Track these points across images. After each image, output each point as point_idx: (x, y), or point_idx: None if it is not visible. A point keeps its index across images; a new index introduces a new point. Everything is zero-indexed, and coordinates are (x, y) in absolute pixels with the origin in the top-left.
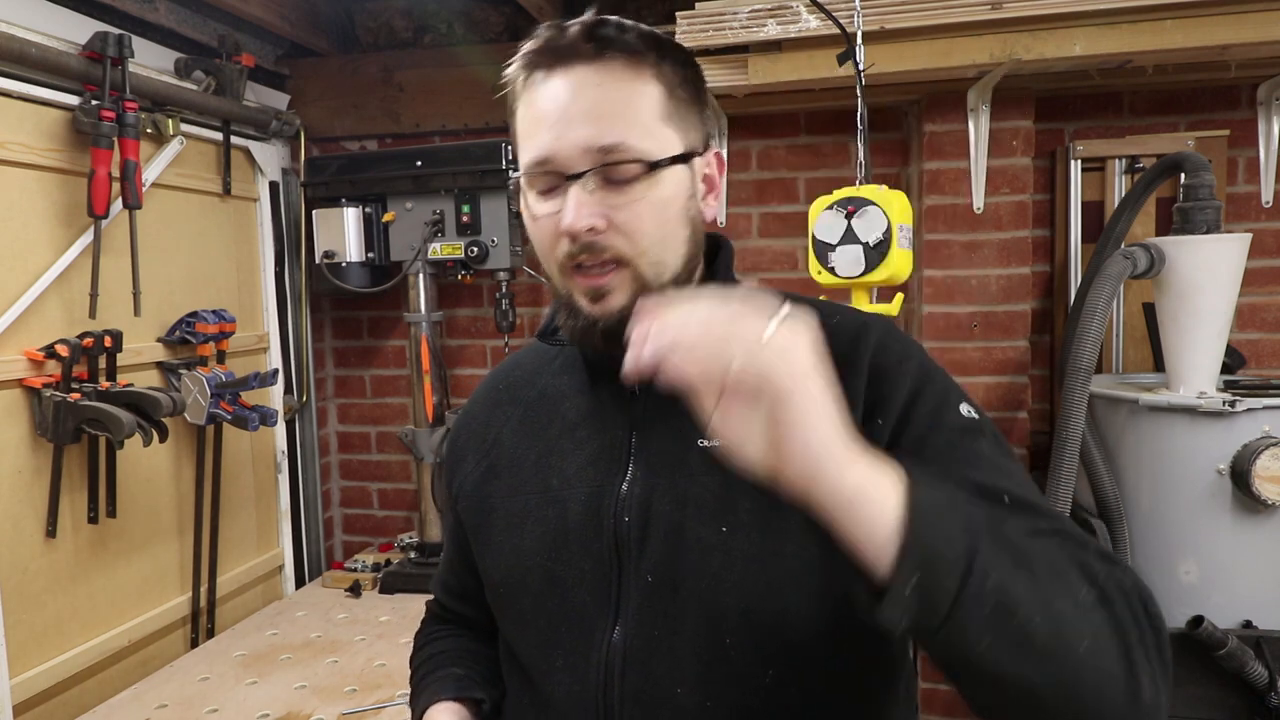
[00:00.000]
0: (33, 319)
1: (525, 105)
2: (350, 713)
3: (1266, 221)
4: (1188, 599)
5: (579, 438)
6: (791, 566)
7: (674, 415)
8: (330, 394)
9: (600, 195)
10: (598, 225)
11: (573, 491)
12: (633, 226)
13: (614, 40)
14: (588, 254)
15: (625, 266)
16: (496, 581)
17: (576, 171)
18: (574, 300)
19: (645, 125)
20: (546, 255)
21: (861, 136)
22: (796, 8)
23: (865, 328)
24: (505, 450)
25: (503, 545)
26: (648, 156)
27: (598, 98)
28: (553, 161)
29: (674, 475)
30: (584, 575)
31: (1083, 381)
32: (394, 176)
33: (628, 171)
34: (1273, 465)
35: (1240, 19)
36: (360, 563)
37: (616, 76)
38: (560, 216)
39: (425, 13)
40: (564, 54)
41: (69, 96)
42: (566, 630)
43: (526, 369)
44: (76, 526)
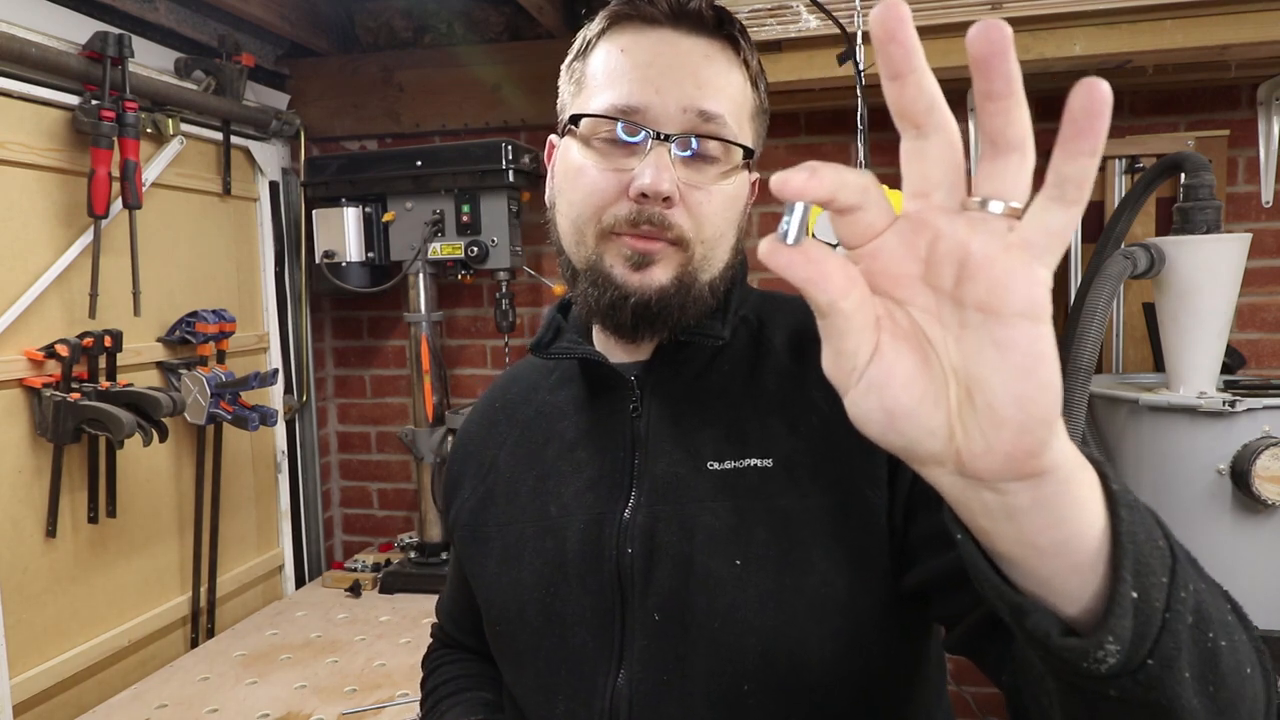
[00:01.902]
0: (33, 319)
1: (608, 52)
2: (350, 713)
3: (1266, 221)
4: None
5: (578, 459)
6: (813, 602)
7: (681, 434)
8: (330, 394)
9: (680, 169)
10: (675, 195)
11: (571, 519)
12: (703, 212)
13: (727, 21)
14: (650, 225)
15: (680, 248)
16: (493, 618)
17: (668, 132)
18: (606, 268)
19: (739, 116)
20: (590, 214)
21: (861, 136)
22: (796, 8)
23: None
24: (502, 475)
25: (499, 579)
26: (741, 141)
27: (707, 68)
28: (643, 113)
29: (681, 501)
30: (584, 613)
31: (1083, 381)
32: (394, 176)
33: (715, 150)
34: (1273, 465)
35: (1240, 19)
36: (360, 563)
37: (729, 59)
38: (635, 175)
39: (425, 13)
40: (683, 16)
41: (69, 96)
42: (567, 673)
43: (523, 385)
44: (76, 526)
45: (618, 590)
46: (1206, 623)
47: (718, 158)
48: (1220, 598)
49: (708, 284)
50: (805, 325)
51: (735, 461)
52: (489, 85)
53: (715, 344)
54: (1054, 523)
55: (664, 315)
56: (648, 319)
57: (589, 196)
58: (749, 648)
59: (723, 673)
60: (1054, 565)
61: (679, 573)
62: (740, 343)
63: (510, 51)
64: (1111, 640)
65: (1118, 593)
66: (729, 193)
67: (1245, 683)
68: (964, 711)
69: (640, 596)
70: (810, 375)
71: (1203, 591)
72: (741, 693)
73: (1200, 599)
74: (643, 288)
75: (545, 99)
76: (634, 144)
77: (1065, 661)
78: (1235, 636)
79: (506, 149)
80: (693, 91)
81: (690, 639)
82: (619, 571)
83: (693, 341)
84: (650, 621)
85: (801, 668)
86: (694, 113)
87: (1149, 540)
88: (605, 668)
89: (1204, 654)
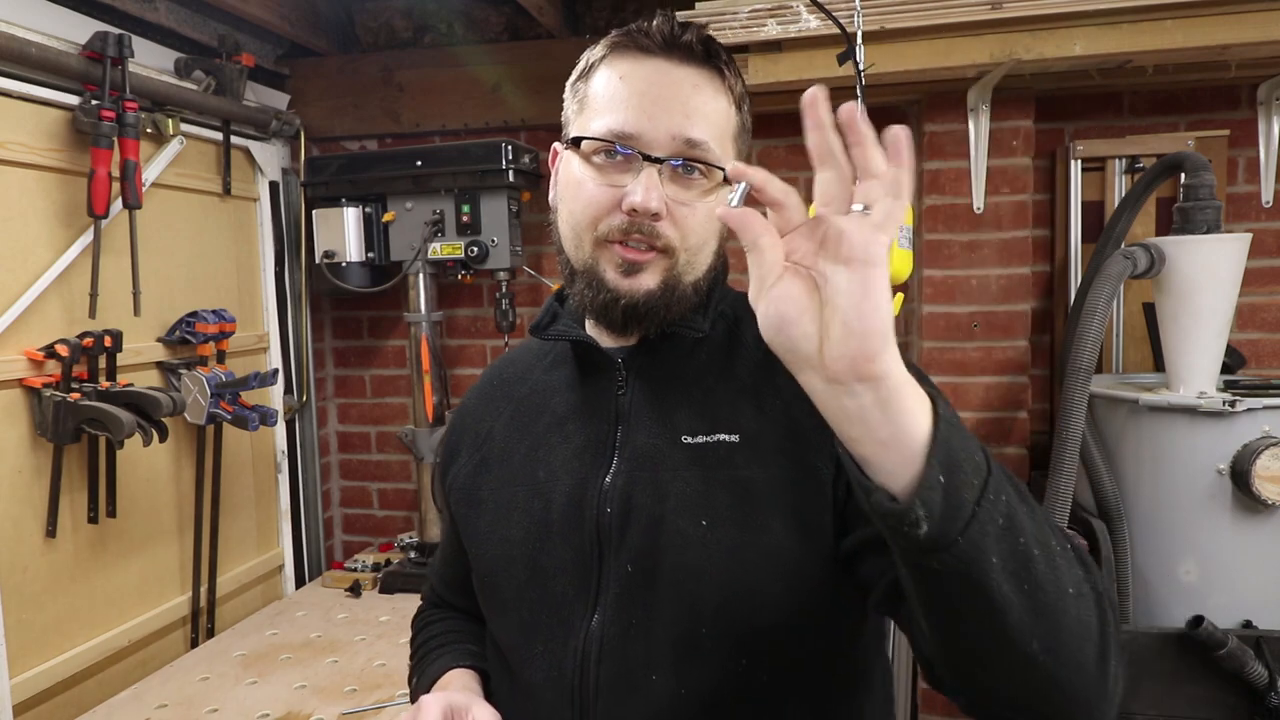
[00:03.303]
0: (33, 319)
1: (608, 78)
2: (350, 713)
3: (1266, 221)
4: (1188, 599)
5: (567, 431)
6: (768, 561)
7: (660, 411)
8: (330, 394)
9: (668, 186)
10: (663, 211)
11: (558, 483)
12: (688, 224)
13: (715, 53)
14: (640, 234)
15: (666, 255)
16: (482, 570)
17: (658, 155)
18: (600, 272)
19: (722, 138)
20: (587, 224)
21: None
22: (796, 8)
23: None
24: (496, 444)
25: (490, 535)
26: (721, 164)
27: (695, 97)
28: (636, 139)
29: (656, 469)
30: (566, 565)
31: (1083, 381)
32: (394, 176)
33: (699, 172)
34: (1273, 465)
35: (1240, 19)
36: (360, 562)
37: (715, 86)
38: (626, 191)
39: (425, 13)
40: (676, 47)
41: (69, 96)
42: (547, 617)
43: (520, 365)
44: (76, 526)
45: (596, 545)
46: (1018, 530)
47: (702, 178)
48: (1045, 526)
49: (691, 285)
50: None
51: (706, 436)
52: (489, 85)
53: (697, 336)
54: (889, 420)
55: (651, 315)
56: (636, 318)
57: (587, 208)
58: (708, 598)
59: (683, 619)
60: (893, 458)
61: (651, 531)
62: (718, 335)
63: (510, 51)
64: (920, 507)
65: (927, 475)
66: (712, 207)
67: (1068, 600)
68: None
69: (616, 551)
70: (777, 366)
71: (1019, 508)
72: (699, 636)
73: (1014, 510)
74: (632, 291)
75: (545, 99)
76: (627, 163)
77: (892, 527)
78: (1056, 559)
79: (506, 149)
80: (681, 120)
81: (657, 589)
82: (598, 529)
83: (676, 332)
84: (624, 573)
85: (754, 617)
86: (681, 139)
87: (963, 449)
88: (581, 612)
89: (1015, 553)
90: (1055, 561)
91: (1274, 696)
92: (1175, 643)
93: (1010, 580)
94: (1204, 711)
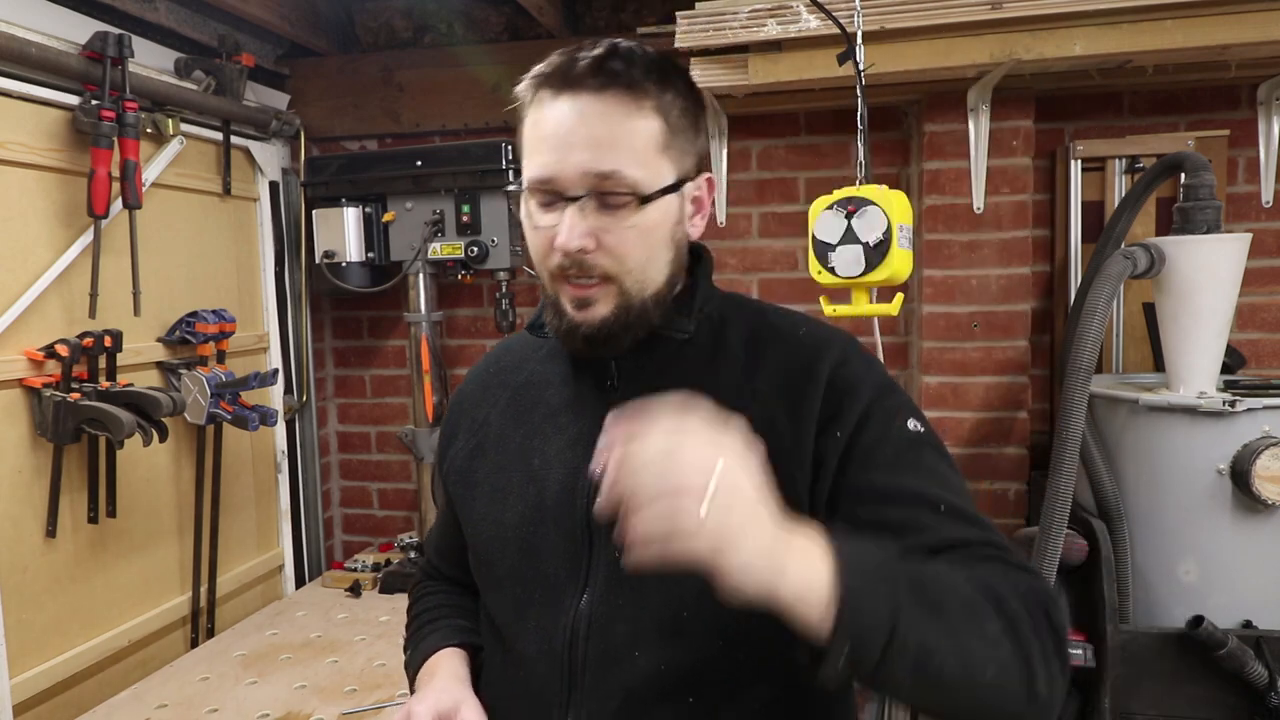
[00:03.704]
0: (33, 319)
1: (532, 122)
2: (350, 713)
3: (1266, 221)
4: (1188, 599)
5: (560, 423)
6: None
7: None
8: (330, 394)
9: (594, 218)
10: (587, 246)
11: (551, 472)
12: (621, 250)
13: (620, 74)
14: (577, 269)
15: (611, 282)
16: (478, 549)
17: (574, 194)
18: (560, 304)
19: (641, 156)
20: (540, 262)
21: (861, 136)
22: (796, 8)
23: (828, 344)
24: (493, 430)
25: (486, 516)
26: (639, 187)
27: (598, 128)
28: (554, 182)
29: None
30: (558, 548)
31: (1083, 381)
32: (394, 176)
33: (620, 199)
34: (1273, 465)
35: (1240, 19)
36: (360, 562)
37: (619, 109)
38: (556, 231)
39: (425, 13)
40: (573, 81)
41: (69, 96)
42: (539, 595)
43: (515, 355)
44: (76, 526)
45: (587, 532)
46: (928, 657)
47: (626, 202)
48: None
49: (651, 299)
50: (757, 327)
51: None
52: (489, 85)
53: (681, 338)
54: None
55: (611, 340)
56: (597, 343)
57: (536, 250)
58: (690, 584)
59: (667, 602)
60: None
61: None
62: (703, 336)
63: (510, 51)
64: (829, 672)
65: (832, 646)
66: (648, 223)
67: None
68: None
69: (605, 537)
70: (758, 368)
71: (931, 640)
72: (681, 618)
73: (924, 644)
74: (588, 321)
75: None
76: (554, 204)
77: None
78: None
79: (506, 149)
80: (588, 156)
81: (644, 577)
82: (589, 516)
83: (665, 338)
84: (611, 558)
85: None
86: (592, 175)
87: (865, 629)
88: (572, 591)
89: (929, 673)
90: (971, 659)
91: (1274, 696)
92: (1175, 643)
93: (923, 690)
94: (1204, 711)
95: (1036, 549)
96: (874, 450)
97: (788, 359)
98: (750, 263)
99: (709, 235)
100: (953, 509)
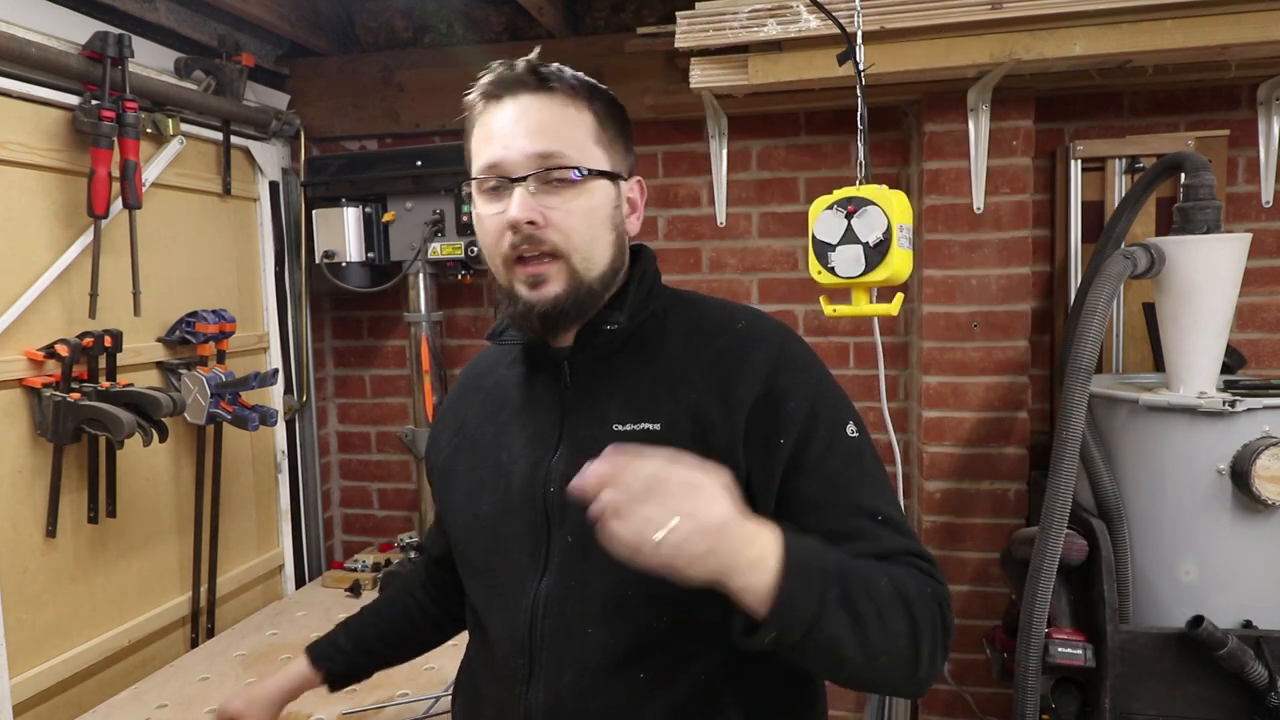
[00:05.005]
0: (33, 319)
1: (480, 125)
2: (350, 713)
3: (1266, 221)
4: (1188, 599)
5: (522, 421)
6: None
7: (596, 402)
8: (330, 394)
9: (540, 197)
10: (537, 220)
11: (516, 466)
12: (567, 225)
13: (556, 76)
14: (528, 245)
15: (560, 259)
16: (456, 540)
17: (520, 175)
18: (515, 289)
19: (579, 143)
20: (492, 250)
21: (861, 136)
22: (796, 8)
23: (765, 338)
24: (469, 431)
25: (464, 510)
26: (580, 165)
27: (541, 117)
28: (500, 166)
29: (592, 453)
30: (523, 536)
31: (1083, 381)
32: (394, 176)
33: (562, 177)
34: (1273, 465)
35: (1240, 19)
36: (360, 562)
37: (557, 103)
38: (505, 213)
39: (425, 13)
40: (514, 85)
41: (69, 96)
42: (506, 580)
43: (489, 361)
44: (76, 526)
45: (544, 519)
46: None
47: (567, 181)
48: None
49: (598, 279)
50: (696, 321)
51: (633, 424)
52: None
53: (613, 328)
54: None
55: (563, 317)
56: (551, 322)
57: (487, 239)
58: (632, 565)
59: (612, 583)
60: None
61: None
62: (646, 331)
63: (510, 51)
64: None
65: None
66: (590, 203)
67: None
68: (964, 711)
69: (558, 524)
70: (694, 361)
71: (842, 632)
72: (626, 598)
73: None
74: (541, 300)
75: None
76: (503, 190)
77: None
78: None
79: None
80: (530, 141)
81: (591, 557)
82: (545, 505)
83: (603, 329)
84: (565, 543)
85: (671, 583)
86: (534, 156)
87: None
88: (532, 576)
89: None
90: (871, 648)
91: (1274, 696)
92: (1175, 643)
93: (828, 668)
94: (1204, 711)
95: (1036, 549)
96: (821, 464)
97: (722, 350)
98: (750, 263)
99: (709, 235)
100: (888, 519)
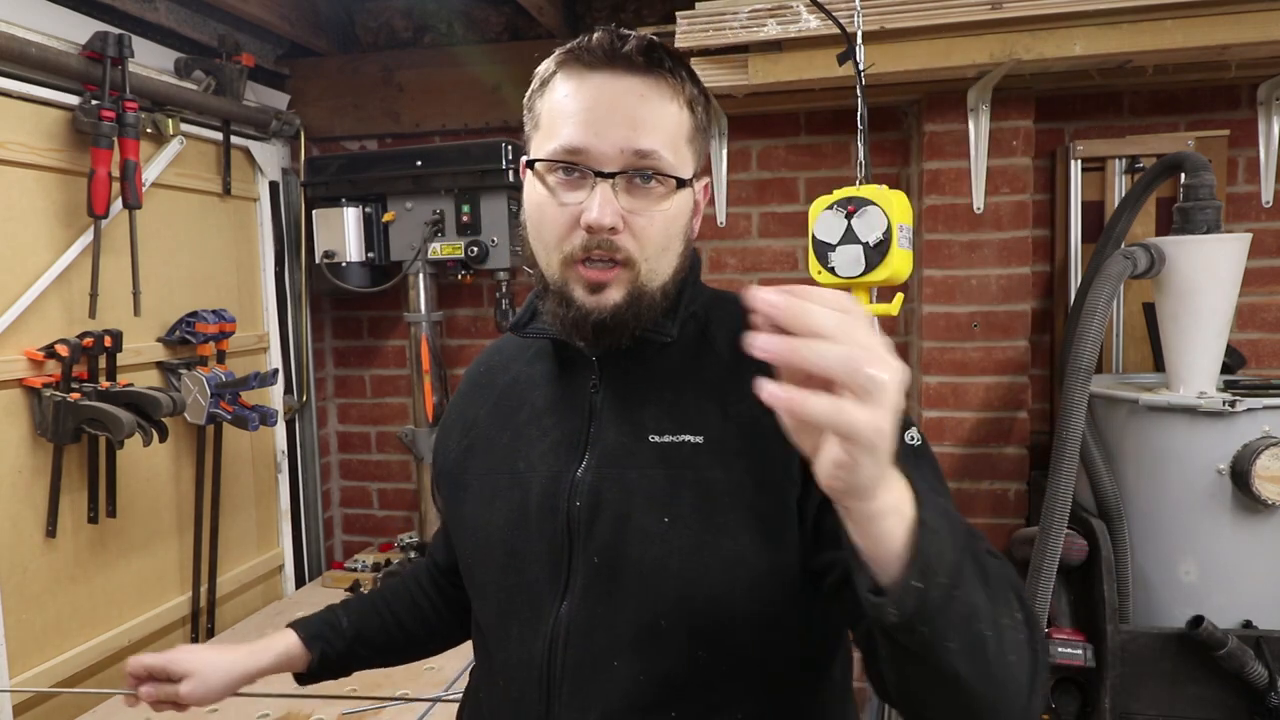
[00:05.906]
0: (33, 319)
1: (561, 93)
2: (350, 713)
3: (1266, 221)
4: (1188, 599)
5: (544, 425)
6: (726, 558)
7: (629, 409)
8: (330, 394)
9: (624, 198)
10: (619, 226)
11: (535, 475)
12: (647, 234)
13: (663, 61)
14: (600, 249)
15: (628, 268)
16: (465, 554)
17: (607, 170)
18: (570, 291)
19: (675, 144)
20: (551, 243)
21: (861, 136)
22: (796, 8)
23: None
24: (481, 431)
25: (475, 520)
26: (675, 172)
27: (642, 107)
28: (586, 155)
29: (624, 466)
30: (540, 553)
31: (1083, 381)
32: (394, 176)
33: (652, 181)
34: (1273, 465)
35: (1240, 19)
36: (360, 562)
37: (661, 93)
38: (583, 209)
39: (425, 13)
40: (617, 59)
41: (69, 96)
42: (522, 603)
43: (504, 355)
44: (76, 526)
45: (566, 536)
46: (977, 618)
47: (657, 186)
48: (1002, 601)
49: (658, 290)
50: (744, 326)
51: (673, 436)
52: (489, 85)
53: (667, 341)
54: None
55: (620, 327)
56: (605, 331)
57: (550, 230)
58: (668, 591)
59: (644, 610)
60: (878, 554)
61: (616, 525)
62: (688, 336)
63: (510, 51)
64: (893, 605)
65: (903, 580)
66: (670, 213)
67: (1009, 667)
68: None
69: (584, 543)
70: (744, 370)
71: (980, 598)
72: (659, 628)
73: (975, 602)
74: (600, 307)
75: None
76: (581, 180)
77: (868, 604)
78: (1005, 635)
79: (506, 149)
80: (628, 133)
81: (620, 581)
82: (569, 521)
83: (653, 341)
84: (590, 564)
85: (711, 611)
86: (630, 151)
87: (939, 556)
88: (552, 599)
89: (971, 638)
90: (1004, 636)
91: (1274, 696)
92: (1175, 643)
93: (962, 657)
94: (1204, 711)
95: (1036, 549)
96: None
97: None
98: (750, 263)
99: (709, 235)
100: None
